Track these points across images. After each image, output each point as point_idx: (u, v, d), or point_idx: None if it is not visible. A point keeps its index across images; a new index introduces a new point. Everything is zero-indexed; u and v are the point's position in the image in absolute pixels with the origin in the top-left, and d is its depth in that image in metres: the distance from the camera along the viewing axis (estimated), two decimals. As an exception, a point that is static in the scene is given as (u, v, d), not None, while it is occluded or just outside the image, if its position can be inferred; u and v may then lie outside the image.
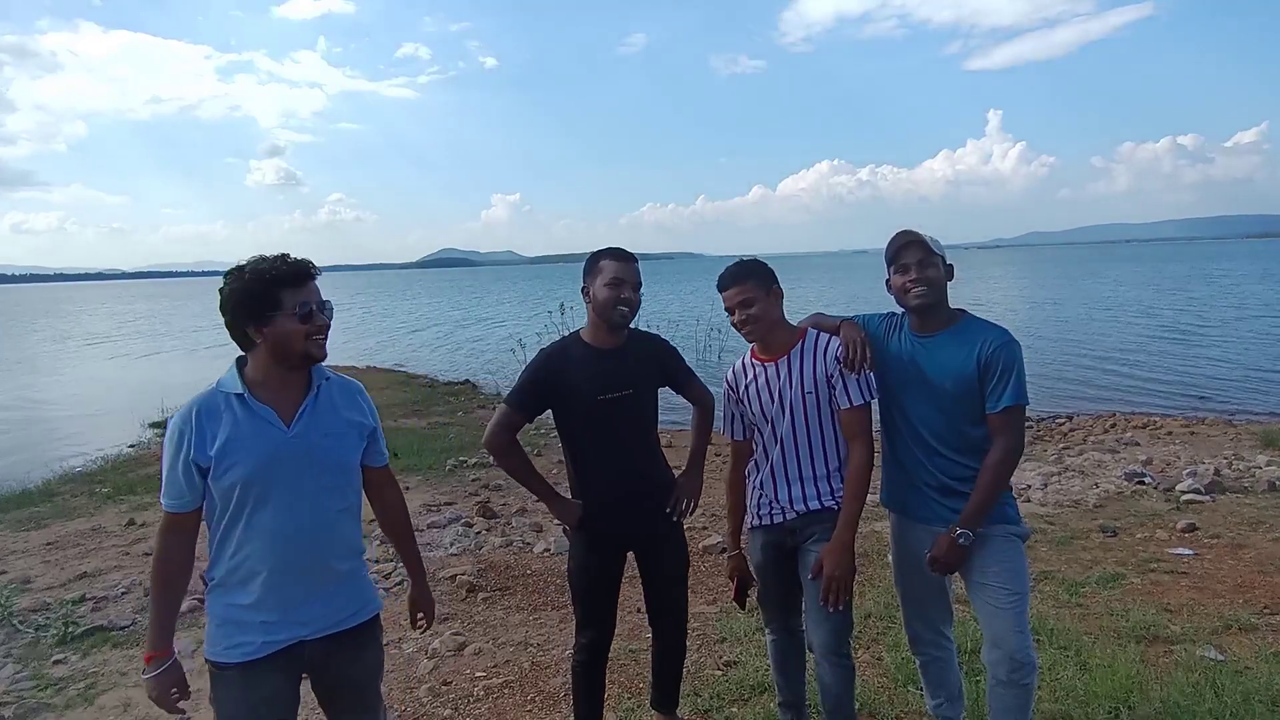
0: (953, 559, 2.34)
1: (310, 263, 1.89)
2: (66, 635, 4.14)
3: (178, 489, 1.81)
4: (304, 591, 1.87)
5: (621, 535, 2.62)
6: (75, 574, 5.17)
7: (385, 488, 2.17)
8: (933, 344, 2.44)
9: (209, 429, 1.79)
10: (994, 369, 2.32)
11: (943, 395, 2.39)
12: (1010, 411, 2.31)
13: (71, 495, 7.56)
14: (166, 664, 1.83)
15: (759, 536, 2.64)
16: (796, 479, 2.51)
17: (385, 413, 11.49)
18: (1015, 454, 2.35)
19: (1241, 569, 4.36)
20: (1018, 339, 2.41)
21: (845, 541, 2.40)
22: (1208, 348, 16.59)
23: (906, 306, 2.48)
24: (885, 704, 3.08)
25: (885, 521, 5.44)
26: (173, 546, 1.84)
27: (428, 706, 3.33)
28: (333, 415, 1.94)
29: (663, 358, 2.70)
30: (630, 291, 2.50)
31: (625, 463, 2.56)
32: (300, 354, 1.85)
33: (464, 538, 5.59)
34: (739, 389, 2.61)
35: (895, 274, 2.46)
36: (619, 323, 2.51)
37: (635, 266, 2.54)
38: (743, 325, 2.49)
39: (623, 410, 2.52)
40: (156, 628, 1.86)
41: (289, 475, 1.83)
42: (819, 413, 2.47)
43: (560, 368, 2.54)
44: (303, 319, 1.83)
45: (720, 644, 3.75)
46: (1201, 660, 3.28)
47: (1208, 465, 6.74)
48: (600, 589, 2.64)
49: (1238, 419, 10.04)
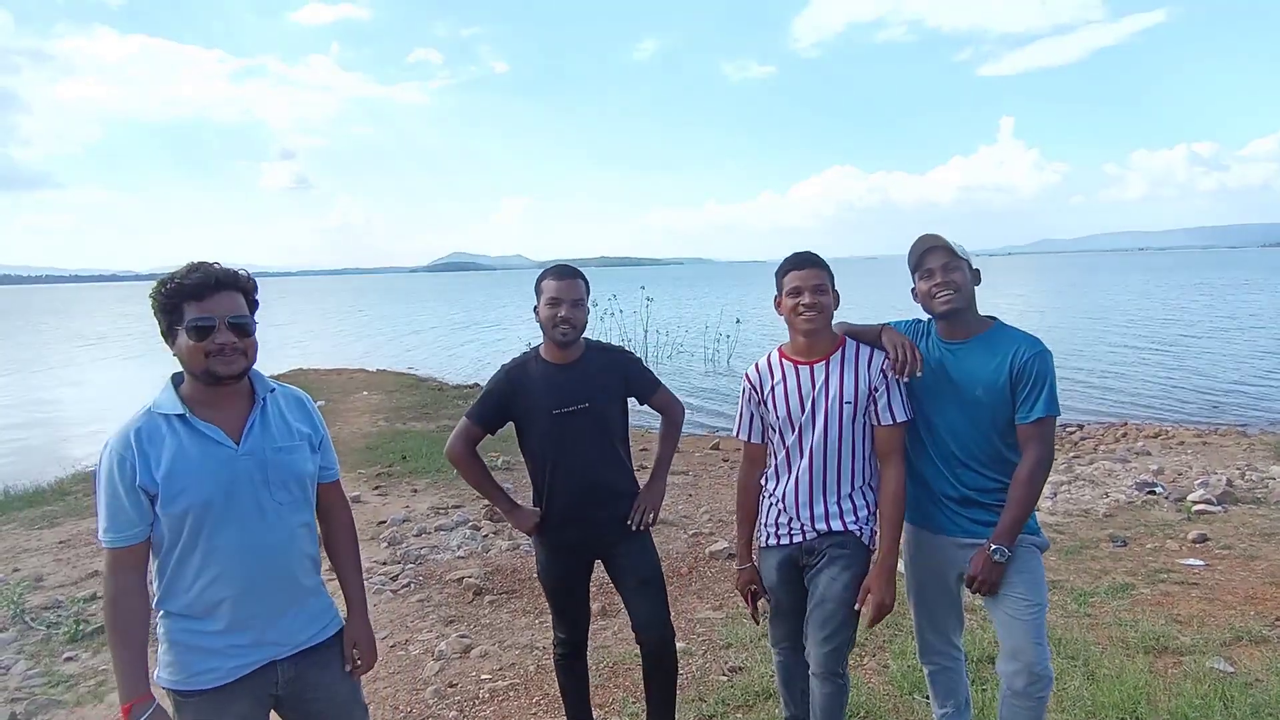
0: (994, 577, 2.27)
1: (221, 272, 1.74)
2: (78, 633, 4.19)
3: (125, 520, 1.68)
4: (274, 611, 1.80)
5: (579, 544, 2.67)
6: (87, 572, 5.22)
7: (335, 505, 2.04)
8: (962, 351, 2.39)
9: (151, 453, 1.68)
10: (1027, 378, 2.27)
11: (973, 404, 2.33)
12: (1042, 422, 2.27)
13: (84, 494, 7.62)
14: (149, 710, 1.70)
15: (772, 556, 2.54)
16: (820, 495, 2.40)
17: (395, 415, 11.55)
18: (1046, 465, 2.30)
19: (1253, 580, 4.32)
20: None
21: (890, 567, 2.34)
22: (1223, 357, 16.43)
23: (933, 312, 2.41)
24: (890, 712, 3.07)
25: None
26: (126, 585, 1.70)
27: (433, 708, 3.34)
28: (283, 427, 1.84)
29: (625, 369, 2.70)
30: (569, 309, 2.52)
31: (583, 474, 2.60)
32: (201, 373, 1.72)
33: (471, 541, 5.61)
34: (763, 390, 2.48)
35: (920, 280, 2.40)
36: (561, 341, 2.54)
37: (576, 283, 2.57)
38: (807, 309, 2.35)
39: (579, 423, 2.56)
40: (128, 675, 1.70)
41: (246, 494, 1.75)
42: (854, 425, 2.37)
43: (518, 383, 2.61)
44: (198, 335, 1.69)
45: (726, 649, 3.75)
46: (1211, 672, 3.25)
47: (1220, 475, 6.67)
48: (563, 593, 2.73)
49: (1251, 429, 9.94)
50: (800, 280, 2.37)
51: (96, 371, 21.44)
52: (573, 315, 2.53)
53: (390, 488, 7.39)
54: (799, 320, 2.37)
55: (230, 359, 1.72)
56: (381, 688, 3.51)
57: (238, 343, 1.73)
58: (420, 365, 19.42)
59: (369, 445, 9.32)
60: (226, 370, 1.73)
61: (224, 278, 1.74)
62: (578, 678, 2.84)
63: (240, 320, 1.75)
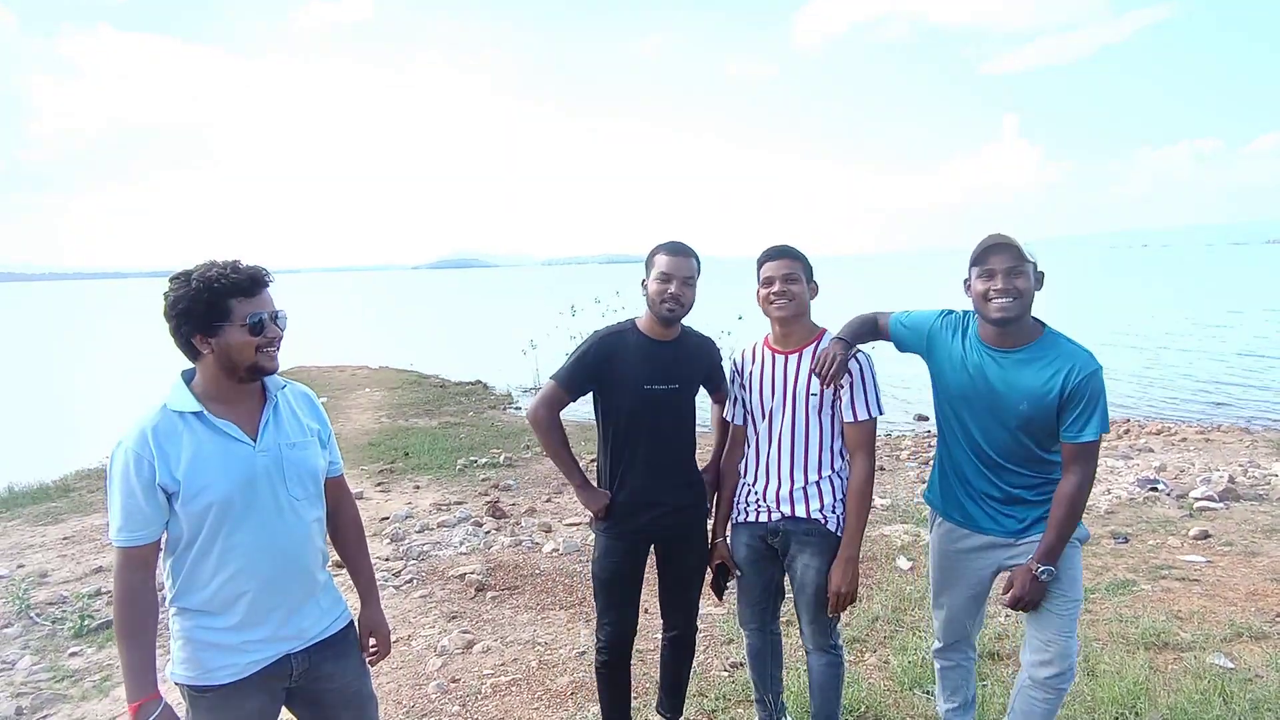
0: (1036, 595, 2.25)
1: (263, 270, 1.80)
2: (82, 628, 4.21)
3: (141, 519, 1.68)
4: (290, 606, 1.82)
5: (648, 529, 2.59)
6: (91, 568, 5.24)
7: (341, 499, 2.08)
8: (1009, 361, 2.26)
9: (170, 451, 1.68)
10: (1079, 399, 2.16)
11: (1015, 416, 2.24)
12: (1091, 444, 2.18)
13: (88, 490, 7.66)
14: (158, 710, 1.70)
15: (741, 533, 2.64)
16: (788, 479, 2.49)
17: (398, 412, 11.57)
18: (1089, 485, 2.22)
19: (1254, 577, 4.32)
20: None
21: (851, 557, 2.41)
22: (1226, 355, 16.39)
23: (986, 316, 2.26)
24: (891, 707, 3.08)
25: (893, 526, 5.45)
26: (137, 585, 1.71)
27: (436, 703, 3.36)
28: (295, 424, 1.88)
29: (712, 358, 2.71)
30: (679, 286, 2.46)
31: (660, 456, 2.56)
32: (250, 366, 1.77)
33: (473, 537, 5.62)
34: (744, 373, 2.62)
35: (978, 278, 2.25)
36: (666, 317, 2.49)
37: (689, 260, 2.50)
38: (778, 298, 2.44)
39: (667, 404, 2.53)
40: (136, 673, 1.70)
41: (265, 491, 1.77)
42: (819, 416, 2.45)
43: (613, 351, 2.53)
44: (254, 331, 1.74)
45: (727, 645, 3.76)
46: (1210, 668, 3.26)
47: (1222, 472, 6.66)
48: (622, 582, 2.62)
49: (1254, 426, 9.93)
50: (773, 270, 2.46)
51: (100, 368, 21.49)
52: (682, 293, 2.48)
53: (393, 484, 7.41)
54: (771, 309, 2.48)
55: (273, 354, 1.80)
56: (384, 683, 3.53)
57: (281, 336, 1.82)
58: (422, 362, 19.44)
59: (371, 442, 9.35)
60: (271, 365, 1.80)
61: (267, 276, 1.82)
62: (621, 688, 2.70)
63: (281, 317, 1.84)
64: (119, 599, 1.72)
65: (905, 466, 7.88)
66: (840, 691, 2.58)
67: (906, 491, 6.66)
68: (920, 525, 5.45)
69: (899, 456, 8.41)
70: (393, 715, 3.26)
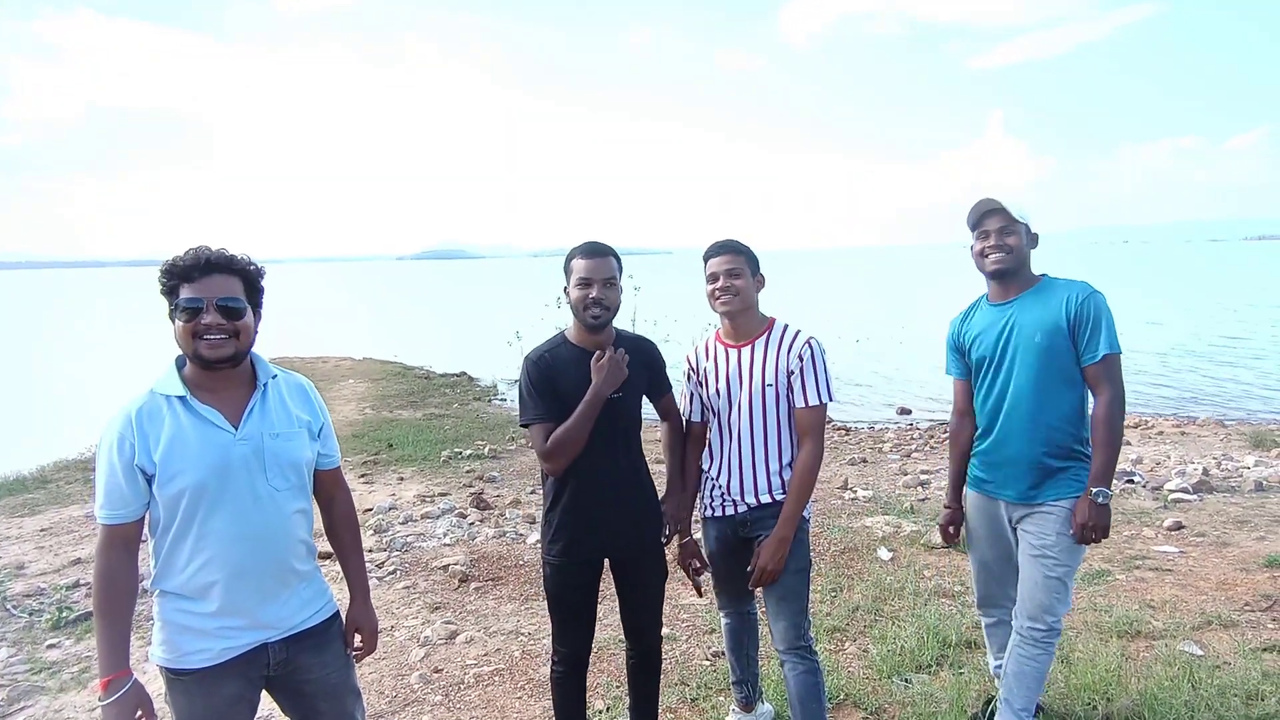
0: (1104, 520, 2.37)
1: (213, 254, 1.74)
2: (60, 620, 4.17)
3: (120, 498, 1.70)
4: (266, 595, 1.80)
5: (606, 544, 2.47)
6: (69, 560, 5.19)
7: (336, 492, 2.04)
8: (1015, 306, 2.52)
9: (151, 432, 1.69)
10: (1085, 320, 2.38)
11: (1033, 352, 2.44)
12: (1108, 360, 2.38)
13: (66, 482, 7.57)
14: (127, 686, 1.71)
15: (711, 528, 2.66)
16: (750, 471, 2.51)
17: (382, 403, 11.52)
18: (1121, 403, 2.40)
19: (1224, 567, 4.42)
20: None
21: (783, 537, 2.41)
22: (1203, 350, 16.65)
23: (984, 271, 2.56)
24: (869, 695, 3.13)
25: (875, 517, 5.51)
26: (117, 562, 1.72)
27: (419, 693, 3.37)
28: (283, 414, 1.84)
29: (652, 360, 2.58)
30: (601, 289, 2.34)
31: (608, 469, 2.42)
32: (191, 355, 1.73)
33: (457, 528, 5.62)
34: (699, 370, 2.62)
35: (976, 239, 2.56)
36: (593, 324, 2.37)
37: (607, 261, 2.38)
38: (723, 294, 2.46)
39: (608, 414, 2.37)
40: (109, 650, 1.71)
41: (242, 479, 1.75)
42: (777, 406, 2.47)
43: (550, 369, 2.40)
44: (186, 317, 1.69)
45: (709, 635, 3.79)
46: (1181, 655, 3.33)
47: (1197, 465, 6.79)
48: (576, 602, 2.49)
49: (1229, 420, 10.11)
50: (716, 266, 2.48)
51: (79, 358, 21.20)
52: (605, 296, 2.35)
53: (376, 476, 7.39)
54: (718, 305, 2.51)
55: (218, 342, 1.72)
56: (367, 673, 3.53)
57: (225, 324, 1.72)
58: (407, 353, 19.33)
59: (355, 434, 9.30)
60: (213, 353, 1.72)
61: (216, 259, 1.74)
62: (576, 696, 2.58)
63: (229, 303, 1.73)
64: (97, 575, 1.73)
65: (888, 459, 7.96)
66: (822, 702, 2.52)
67: (888, 484, 6.73)
68: (902, 516, 5.52)
69: (882, 449, 8.49)
70: (376, 705, 3.26)
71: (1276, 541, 4.79)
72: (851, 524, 5.40)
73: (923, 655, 3.38)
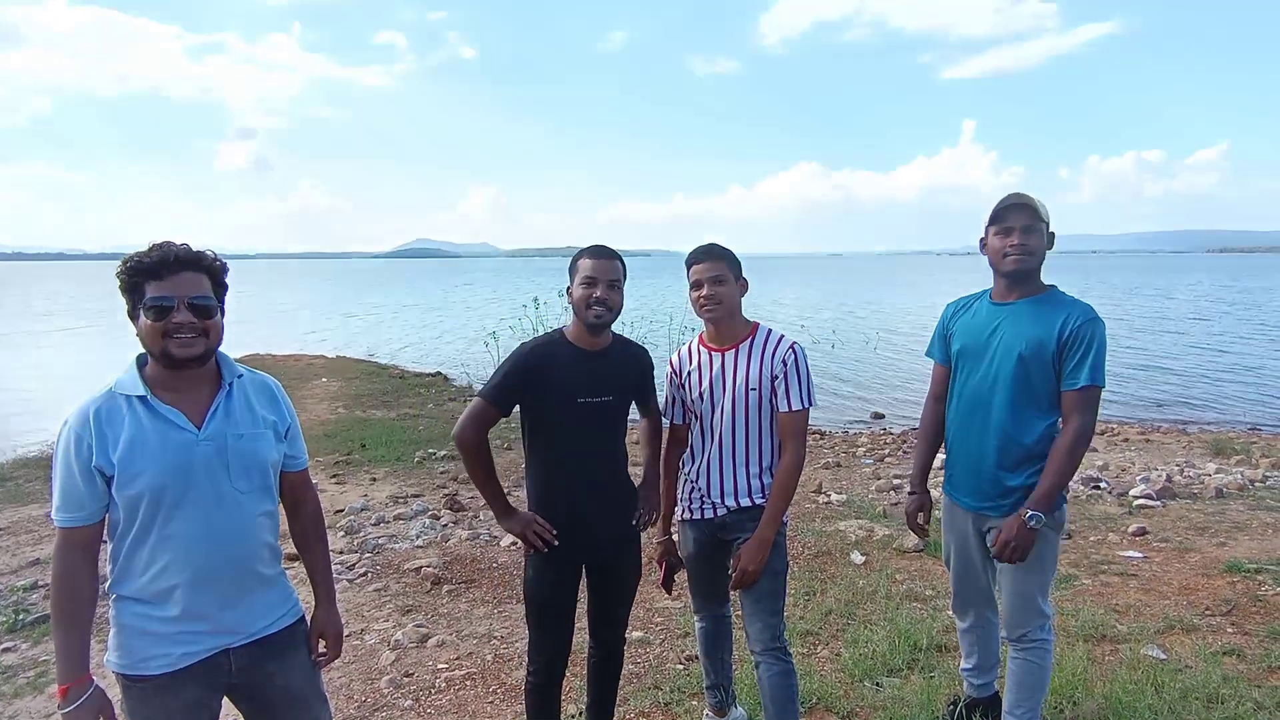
0: (1026, 543, 2.33)
1: (182, 251, 1.70)
2: (17, 623, 4.05)
3: (77, 500, 1.66)
4: (227, 600, 1.75)
5: (584, 550, 2.46)
6: (28, 560, 5.05)
7: (303, 494, 2.00)
8: (1013, 310, 2.44)
9: (110, 433, 1.64)
10: (1076, 344, 2.30)
11: (1016, 361, 2.37)
12: (1087, 391, 2.30)
13: (25, 480, 7.37)
14: (87, 692, 1.66)
15: (689, 530, 2.66)
16: (730, 474, 2.52)
17: (355, 403, 11.36)
18: (1087, 438, 2.34)
19: (1187, 572, 4.52)
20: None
21: (765, 538, 2.43)
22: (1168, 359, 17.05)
23: (1000, 269, 2.45)
24: (841, 698, 3.14)
25: (848, 521, 5.55)
26: (75, 566, 1.68)
27: (389, 698, 3.32)
28: (248, 414, 1.80)
29: (643, 367, 2.59)
30: (605, 290, 2.34)
31: (593, 471, 2.44)
32: (160, 354, 1.68)
33: (430, 530, 5.56)
34: (682, 373, 2.63)
35: (995, 235, 2.43)
36: (594, 324, 2.36)
37: (614, 264, 2.39)
38: (707, 301, 2.46)
39: (599, 416, 2.40)
40: (69, 656, 1.67)
41: (204, 481, 1.70)
42: (759, 410, 2.48)
43: (543, 363, 2.38)
44: (156, 315, 1.65)
45: (683, 638, 3.79)
46: (1145, 659, 3.40)
47: (1160, 472, 6.95)
48: (557, 608, 2.47)
49: (1191, 428, 10.36)
50: (700, 273, 2.48)
51: (40, 352, 20.64)
52: (609, 296, 2.34)
53: (348, 476, 7.28)
54: (703, 312, 2.51)
55: (188, 341, 1.68)
56: (336, 677, 3.47)
57: (196, 323, 1.68)
58: (381, 351, 19.11)
59: (327, 433, 9.16)
60: (183, 352, 1.68)
61: (185, 256, 1.70)
62: (551, 705, 2.54)
63: (200, 301, 1.70)
64: (54, 579, 1.70)
65: (861, 463, 8.03)
66: (796, 703, 2.55)
67: (861, 488, 6.79)
68: (875, 520, 5.57)
69: (855, 453, 8.56)
70: (345, 710, 3.21)
71: (1237, 547, 4.92)
72: (825, 528, 5.43)
73: (894, 659, 3.41)
